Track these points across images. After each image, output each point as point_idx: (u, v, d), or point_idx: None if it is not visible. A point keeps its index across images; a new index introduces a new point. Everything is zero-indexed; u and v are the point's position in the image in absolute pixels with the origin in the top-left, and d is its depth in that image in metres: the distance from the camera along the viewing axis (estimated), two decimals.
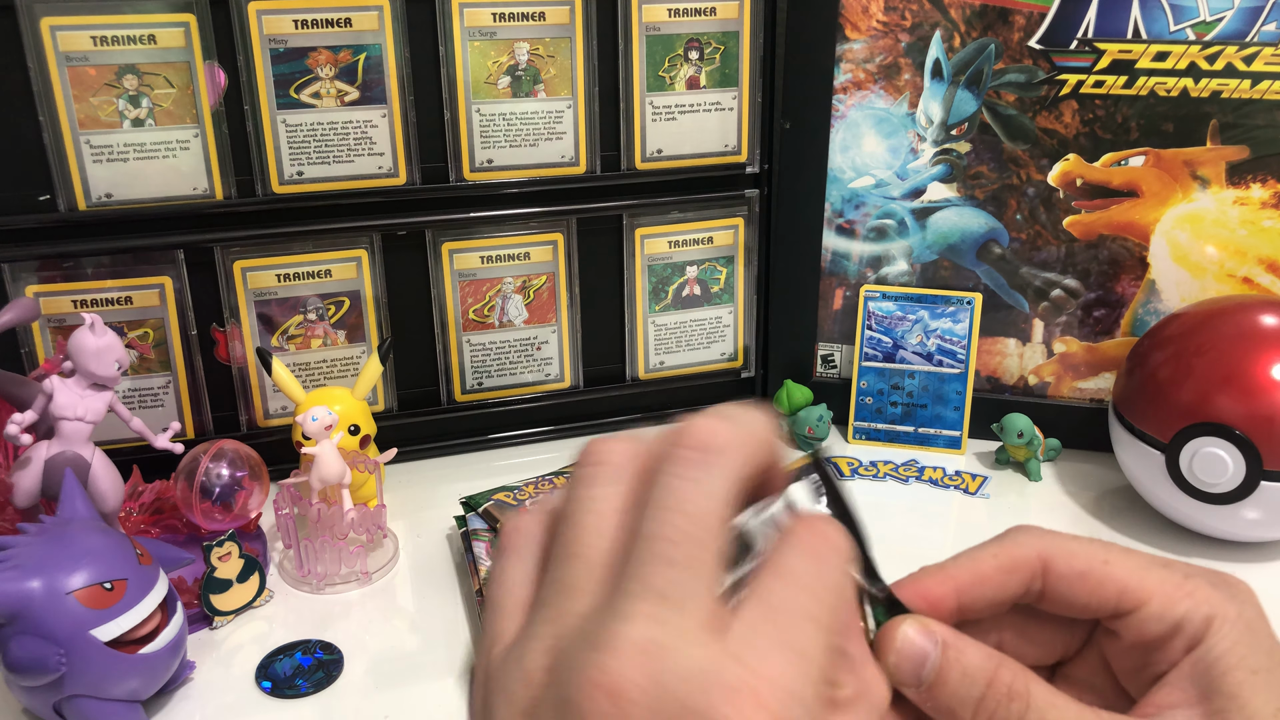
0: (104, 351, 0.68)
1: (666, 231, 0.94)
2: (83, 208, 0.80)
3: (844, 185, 0.92)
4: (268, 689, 0.65)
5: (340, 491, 0.76)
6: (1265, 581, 0.76)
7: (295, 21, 0.80)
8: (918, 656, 0.29)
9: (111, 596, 0.57)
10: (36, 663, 0.56)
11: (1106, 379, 0.91)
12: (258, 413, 0.88)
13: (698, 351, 0.99)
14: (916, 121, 0.89)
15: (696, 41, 0.89)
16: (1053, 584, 0.32)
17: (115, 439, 0.78)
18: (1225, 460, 0.73)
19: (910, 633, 0.30)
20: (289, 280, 0.86)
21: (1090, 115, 0.85)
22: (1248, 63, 0.81)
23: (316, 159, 0.84)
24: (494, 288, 0.92)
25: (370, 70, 0.83)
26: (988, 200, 0.90)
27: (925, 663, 0.29)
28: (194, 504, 0.73)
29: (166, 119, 0.80)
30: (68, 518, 0.62)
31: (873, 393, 0.94)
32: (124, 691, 0.59)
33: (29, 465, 0.68)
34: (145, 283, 0.83)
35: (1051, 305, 0.91)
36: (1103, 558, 0.32)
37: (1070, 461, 0.91)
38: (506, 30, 0.85)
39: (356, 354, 0.90)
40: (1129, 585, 0.31)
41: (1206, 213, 0.85)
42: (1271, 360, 0.73)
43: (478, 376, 0.94)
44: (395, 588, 0.76)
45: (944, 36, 0.86)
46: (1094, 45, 0.83)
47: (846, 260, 0.94)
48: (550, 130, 0.88)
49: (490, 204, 0.89)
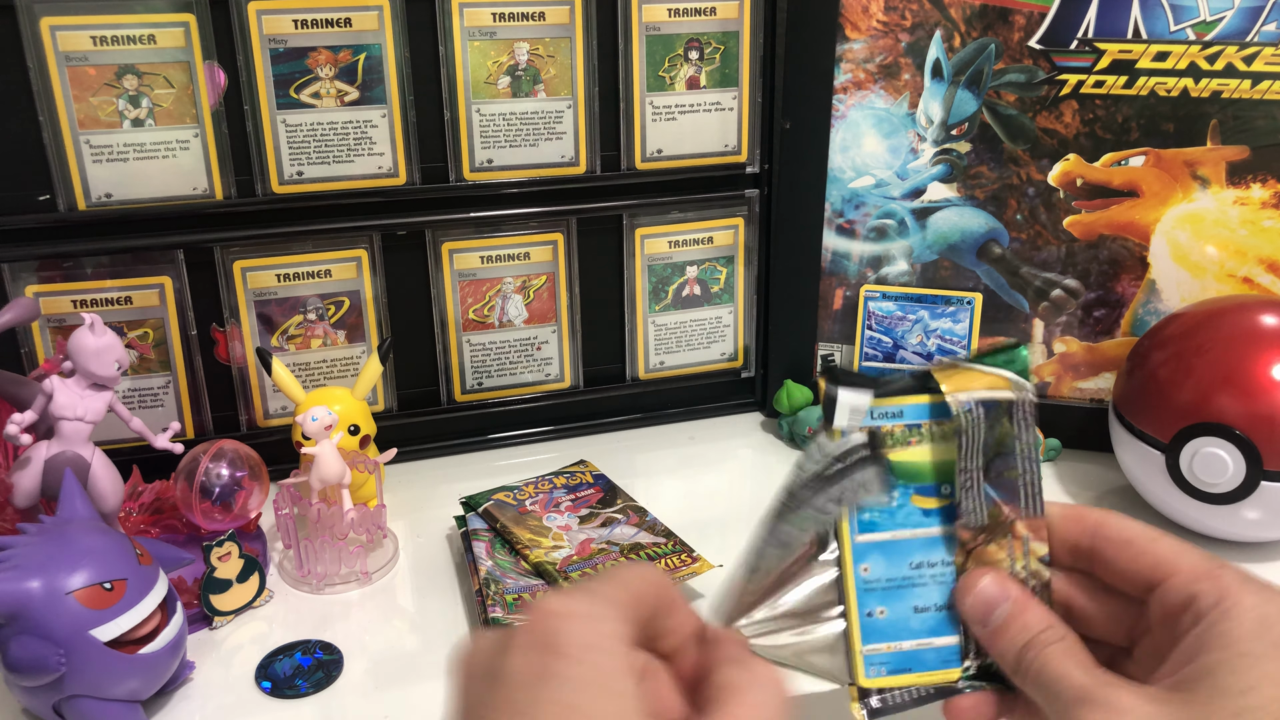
0: (104, 351, 0.68)
1: (666, 231, 0.94)
2: (82, 208, 0.80)
3: (844, 185, 0.92)
4: (267, 689, 0.65)
5: (340, 491, 0.76)
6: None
7: (295, 21, 0.80)
8: (991, 603, 0.35)
9: (111, 596, 0.57)
10: (36, 663, 0.56)
11: (1106, 379, 0.91)
12: (258, 413, 0.88)
13: (698, 351, 0.99)
14: (916, 121, 0.89)
15: (696, 41, 0.89)
16: (1102, 545, 0.35)
17: (115, 439, 0.78)
18: (1225, 460, 0.73)
19: (989, 583, 0.35)
20: (289, 280, 0.86)
21: (1090, 115, 0.85)
22: (1248, 63, 0.81)
23: (316, 159, 0.84)
24: (494, 288, 0.92)
25: (370, 70, 0.83)
26: (988, 200, 0.90)
27: (995, 610, 0.35)
28: (194, 504, 0.73)
29: (166, 119, 0.80)
30: (67, 518, 0.62)
31: None
32: (124, 691, 0.59)
33: (29, 465, 0.68)
34: (145, 283, 0.83)
35: (1051, 305, 0.91)
36: (1152, 535, 0.35)
37: (1070, 461, 0.91)
38: (506, 30, 0.85)
39: (356, 354, 0.90)
40: (1165, 558, 0.34)
41: (1207, 213, 0.85)
42: (1271, 360, 0.73)
43: (478, 376, 0.94)
44: (395, 588, 0.76)
45: (944, 36, 0.86)
46: (1094, 45, 0.83)
47: (846, 260, 0.94)
48: (550, 130, 0.88)
49: (490, 204, 0.89)
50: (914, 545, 0.36)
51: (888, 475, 0.35)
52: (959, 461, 0.35)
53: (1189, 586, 0.33)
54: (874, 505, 0.35)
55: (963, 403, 0.35)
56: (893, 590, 0.36)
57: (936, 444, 0.36)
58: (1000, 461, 0.36)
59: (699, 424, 1.00)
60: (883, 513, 0.35)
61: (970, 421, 0.35)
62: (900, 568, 0.36)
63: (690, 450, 0.96)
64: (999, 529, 0.36)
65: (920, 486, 0.36)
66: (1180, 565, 0.33)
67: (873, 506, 0.35)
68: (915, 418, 0.36)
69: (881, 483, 0.35)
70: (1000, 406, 0.36)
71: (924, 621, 0.36)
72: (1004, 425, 0.36)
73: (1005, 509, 0.36)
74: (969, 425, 0.35)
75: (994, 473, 0.36)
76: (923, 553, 0.36)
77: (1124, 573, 0.35)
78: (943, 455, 0.36)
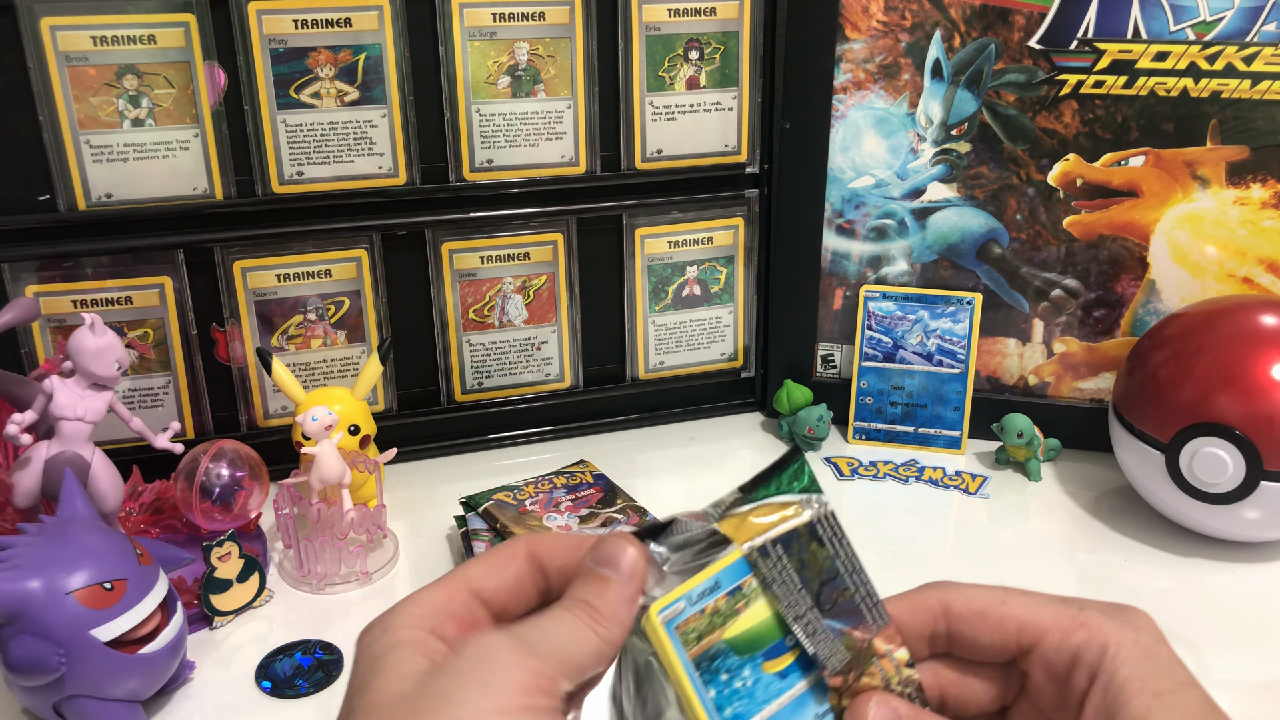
0: (104, 351, 0.68)
1: (666, 231, 0.94)
2: (82, 208, 0.80)
3: (844, 185, 0.92)
4: (267, 689, 0.65)
5: (340, 491, 0.76)
6: (1265, 581, 0.76)
7: (295, 21, 0.80)
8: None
9: (111, 596, 0.57)
10: (36, 663, 0.56)
11: (1106, 379, 0.91)
12: (258, 413, 0.88)
13: (698, 351, 0.99)
14: (916, 121, 0.89)
15: (696, 41, 0.89)
16: (956, 625, 0.34)
17: (115, 439, 0.78)
18: (1225, 460, 0.73)
19: (876, 711, 0.33)
20: (289, 280, 0.86)
21: (1090, 115, 0.85)
22: (1248, 63, 0.81)
23: (316, 159, 0.84)
24: (494, 288, 0.92)
25: (370, 70, 0.83)
26: (988, 200, 0.90)
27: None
28: (194, 504, 0.73)
29: (166, 119, 0.80)
30: (68, 518, 0.62)
31: (873, 393, 0.94)
32: (124, 691, 0.59)
33: (29, 465, 0.68)
34: (145, 283, 0.83)
35: (1051, 305, 0.91)
36: (1000, 598, 0.34)
37: (1070, 461, 0.91)
38: (506, 30, 0.85)
39: (356, 354, 0.90)
40: (1026, 620, 0.33)
41: (1206, 213, 0.85)
42: (1271, 360, 0.73)
43: (478, 376, 0.94)
44: (395, 588, 0.76)
45: (944, 36, 0.86)
46: (1094, 45, 0.83)
47: (846, 260, 0.94)
48: (550, 130, 0.88)
49: (490, 204, 0.89)
50: (785, 714, 0.32)
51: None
52: (786, 611, 0.32)
53: (1066, 643, 0.32)
54: (731, 693, 0.32)
55: (758, 549, 0.32)
56: None
57: (764, 598, 0.32)
58: (829, 589, 0.33)
59: (699, 424, 1.00)
60: (742, 700, 0.32)
61: (773, 565, 0.32)
62: None
63: (690, 450, 0.96)
64: (861, 658, 0.33)
65: (766, 650, 0.32)
66: (1044, 622, 0.33)
67: (731, 698, 0.32)
68: (733, 581, 0.32)
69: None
70: (800, 535, 0.33)
71: None
72: (814, 550, 0.33)
73: (857, 634, 0.33)
74: (773, 571, 0.32)
75: (827, 604, 0.33)
76: (796, 717, 0.33)
77: (988, 646, 0.34)
78: (773, 609, 0.33)
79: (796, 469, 0.33)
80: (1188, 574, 0.76)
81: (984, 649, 0.34)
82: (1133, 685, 0.31)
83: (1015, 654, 0.34)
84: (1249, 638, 0.71)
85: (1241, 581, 0.76)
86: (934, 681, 0.35)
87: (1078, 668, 0.32)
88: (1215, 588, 0.75)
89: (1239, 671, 0.68)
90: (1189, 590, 0.75)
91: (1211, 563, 0.78)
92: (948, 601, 0.35)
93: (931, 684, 0.35)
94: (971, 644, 0.34)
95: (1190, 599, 0.74)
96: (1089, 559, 0.79)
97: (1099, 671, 0.32)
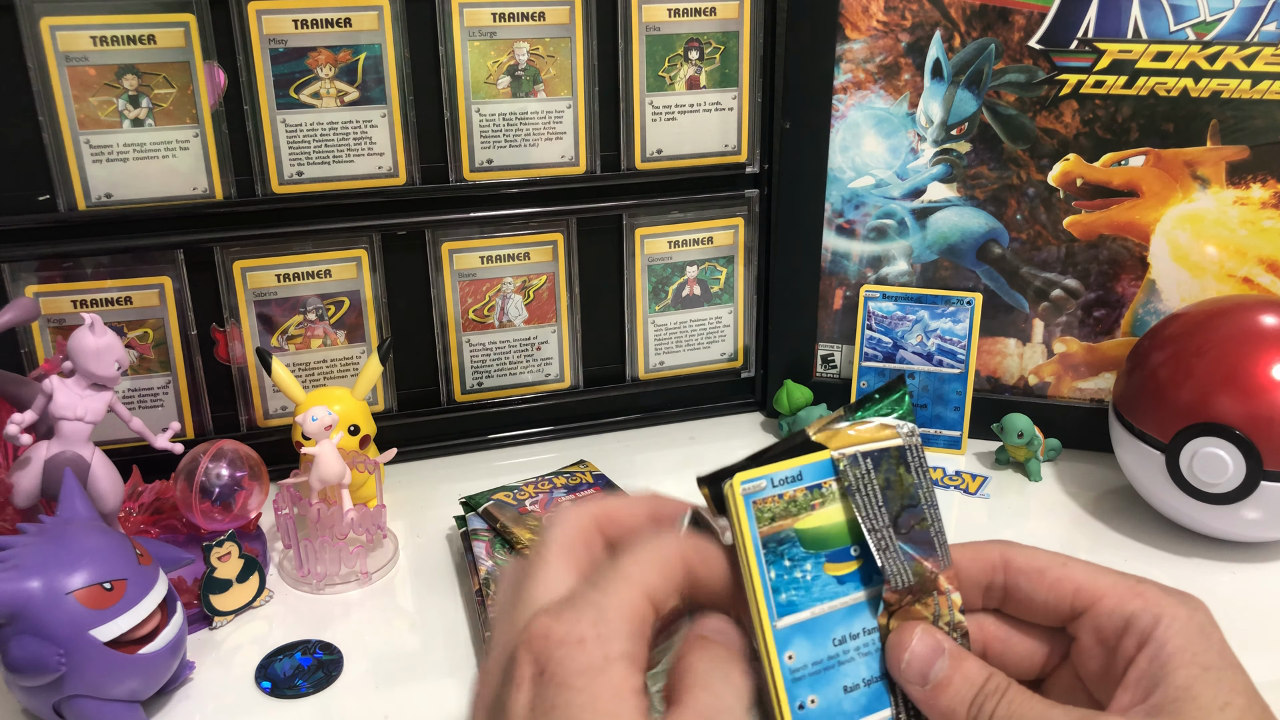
0: (104, 351, 0.68)
1: (666, 231, 0.94)
2: (82, 208, 0.80)
3: (844, 185, 0.92)
4: (267, 689, 0.65)
5: (340, 491, 0.76)
6: (1265, 581, 0.76)
7: (295, 21, 0.80)
8: (928, 660, 0.33)
9: (111, 596, 0.57)
10: (36, 663, 0.56)
11: (1106, 379, 0.91)
12: (257, 413, 0.88)
13: (698, 351, 0.99)
14: (916, 121, 0.89)
15: (696, 41, 0.89)
16: (1015, 579, 0.35)
17: (115, 439, 0.78)
18: (1225, 460, 0.73)
19: (922, 639, 0.33)
20: (289, 280, 0.86)
21: (1090, 115, 0.85)
22: (1248, 63, 0.81)
23: (316, 159, 0.84)
24: (494, 288, 0.92)
25: (370, 70, 0.83)
26: (988, 200, 0.89)
27: (933, 666, 0.33)
28: (194, 504, 0.73)
29: (166, 119, 0.80)
30: (67, 518, 0.62)
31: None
32: (124, 692, 0.59)
33: (29, 465, 0.68)
34: (145, 283, 0.83)
35: (1051, 305, 0.91)
36: (1062, 560, 0.35)
37: (1070, 461, 0.91)
38: (506, 30, 0.85)
39: (356, 354, 0.90)
40: (1084, 584, 0.34)
41: (1206, 213, 0.85)
42: (1271, 360, 0.73)
43: (477, 376, 0.94)
44: (395, 588, 0.76)
45: (944, 36, 0.86)
46: (1094, 45, 0.83)
47: (846, 260, 0.94)
48: (550, 130, 0.88)
49: (490, 204, 0.89)
50: (835, 618, 0.33)
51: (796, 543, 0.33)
52: (864, 521, 0.33)
53: (1121, 609, 0.32)
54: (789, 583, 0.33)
55: (849, 457, 0.33)
56: (820, 674, 0.33)
57: (842, 503, 0.33)
58: (909, 515, 0.34)
59: (699, 424, 1.00)
60: (799, 590, 0.33)
61: (859, 476, 0.33)
62: (825, 647, 0.33)
63: (690, 450, 0.96)
64: (924, 587, 0.34)
65: (831, 553, 0.33)
66: (1102, 588, 0.33)
67: (789, 585, 0.33)
68: (815, 478, 0.33)
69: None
70: (890, 455, 0.34)
71: (855, 701, 0.33)
72: (900, 474, 0.34)
73: (927, 564, 0.34)
74: (858, 481, 0.33)
75: (904, 528, 0.34)
76: (844, 625, 0.33)
77: (1042, 604, 0.34)
78: (848, 515, 0.33)
79: (899, 397, 0.35)
80: (1188, 574, 0.76)
81: (1037, 607, 0.34)
82: (1182, 655, 0.31)
83: (1068, 617, 0.34)
84: (1249, 638, 0.70)
85: (1241, 581, 0.76)
86: (979, 635, 0.35)
87: (1129, 634, 0.32)
88: (1215, 588, 0.75)
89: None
90: (1189, 590, 0.75)
91: (1211, 563, 0.78)
92: (1009, 556, 0.35)
93: (977, 637, 0.35)
94: (1026, 600, 0.35)
95: None
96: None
97: (1149, 640, 0.32)
